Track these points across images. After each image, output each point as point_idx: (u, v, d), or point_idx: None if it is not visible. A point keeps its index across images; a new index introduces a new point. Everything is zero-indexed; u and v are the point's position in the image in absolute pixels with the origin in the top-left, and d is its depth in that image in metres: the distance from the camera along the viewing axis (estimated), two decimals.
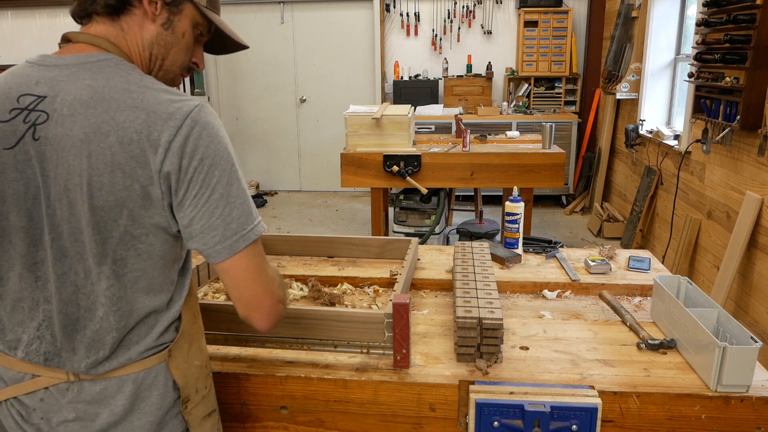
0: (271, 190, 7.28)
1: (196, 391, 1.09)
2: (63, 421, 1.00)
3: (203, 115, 0.95)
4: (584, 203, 6.20)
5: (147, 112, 0.92)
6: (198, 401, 1.10)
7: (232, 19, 6.85)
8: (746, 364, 1.16)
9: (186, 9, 1.03)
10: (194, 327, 1.10)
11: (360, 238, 1.94)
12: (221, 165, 0.95)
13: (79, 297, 0.97)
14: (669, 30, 4.79)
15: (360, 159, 3.84)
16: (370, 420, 1.26)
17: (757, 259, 3.06)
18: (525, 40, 6.31)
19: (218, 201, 0.95)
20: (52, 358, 0.99)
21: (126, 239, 0.95)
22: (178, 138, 0.92)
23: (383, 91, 6.80)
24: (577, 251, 2.01)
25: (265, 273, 1.02)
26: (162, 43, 1.03)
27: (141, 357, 1.01)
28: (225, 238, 0.96)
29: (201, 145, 0.93)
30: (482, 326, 1.28)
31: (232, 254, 0.97)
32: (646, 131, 4.80)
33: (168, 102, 0.94)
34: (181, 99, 0.95)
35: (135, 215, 0.94)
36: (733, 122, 3.11)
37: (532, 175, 3.79)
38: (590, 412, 1.14)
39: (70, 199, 0.93)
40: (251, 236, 0.98)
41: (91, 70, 0.95)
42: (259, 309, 1.03)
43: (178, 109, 0.93)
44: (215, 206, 0.95)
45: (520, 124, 5.99)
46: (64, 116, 0.92)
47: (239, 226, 0.97)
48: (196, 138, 0.93)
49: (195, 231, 0.96)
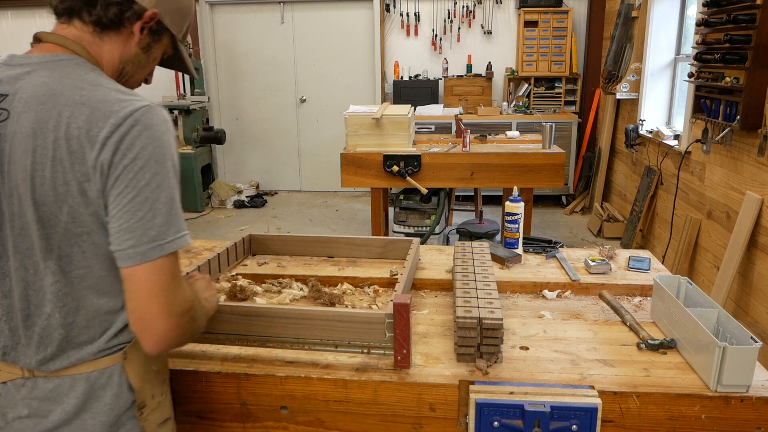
0: (271, 190, 7.28)
1: (152, 397, 1.09)
2: (18, 417, 1.01)
3: (148, 117, 0.94)
4: (584, 203, 6.20)
5: (91, 109, 0.92)
6: (154, 407, 1.09)
7: (232, 19, 6.86)
8: (746, 364, 1.16)
9: (165, 39, 1.11)
10: None
11: (361, 238, 1.94)
12: (154, 168, 0.93)
13: (29, 293, 0.98)
14: (669, 30, 4.79)
15: (360, 159, 3.84)
16: (370, 420, 1.26)
17: (757, 259, 3.06)
18: (525, 40, 6.32)
19: (142, 204, 0.92)
20: (9, 352, 1.01)
21: (69, 236, 0.95)
22: (115, 135, 0.91)
23: (383, 91, 6.80)
24: (577, 251, 2.01)
25: (169, 293, 0.94)
26: (136, 63, 1.08)
27: (94, 357, 1.01)
28: (140, 243, 0.92)
29: (137, 144, 0.92)
30: (482, 326, 1.28)
31: (143, 262, 0.92)
32: (646, 131, 4.80)
33: (115, 101, 0.94)
34: (130, 99, 0.95)
35: (75, 212, 0.93)
36: (733, 122, 3.11)
37: (532, 175, 3.79)
38: (590, 412, 1.14)
39: (20, 194, 0.94)
40: (169, 248, 0.93)
41: (51, 68, 0.96)
42: (148, 329, 0.94)
43: (122, 107, 0.93)
44: (138, 208, 0.92)
45: (520, 124, 5.99)
46: (19, 113, 0.93)
47: (158, 234, 0.92)
48: (133, 137, 0.92)
49: (113, 229, 0.93)
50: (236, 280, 1.73)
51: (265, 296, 1.65)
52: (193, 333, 1.04)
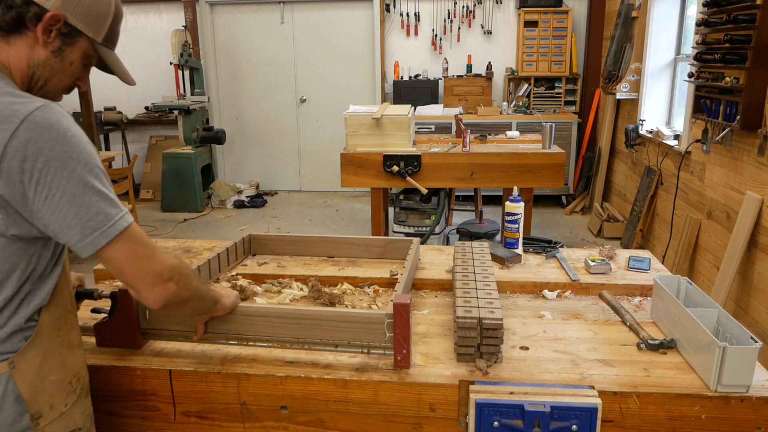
0: (271, 190, 7.28)
1: (51, 408, 1.06)
2: None
3: (46, 116, 0.93)
4: (584, 203, 6.20)
5: None
6: (54, 418, 1.06)
7: (232, 19, 6.87)
8: (746, 364, 1.16)
9: (80, 42, 1.05)
10: (55, 341, 1.07)
11: (362, 238, 1.94)
12: (70, 165, 0.94)
13: None
14: (669, 30, 4.79)
15: (360, 159, 3.84)
16: (370, 420, 1.26)
17: (757, 259, 3.06)
18: (525, 40, 6.32)
19: (71, 201, 0.95)
20: None
21: None
22: (15, 141, 0.91)
23: (383, 91, 6.80)
24: (577, 251, 2.01)
25: (145, 258, 1.03)
26: (48, 67, 1.04)
27: None
28: (84, 236, 0.97)
29: (45, 147, 0.92)
30: (482, 326, 1.28)
31: (96, 249, 0.98)
32: (646, 131, 4.80)
33: (6, 104, 0.93)
34: (22, 101, 0.94)
35: None
36: (733, 122, 3.11)
37: (532, 175, 3.79)
38: (590, 412, 1.14)
39: None
40: (112, 231, 0.98)
41: None
42: (141, 297, 1.05)
43: (15, 111, 0.92)
44: (69, 206, 0.95)
45: (520, 124, 5.99)
46: None
47: (98, 224, 0.97)
48: (38, 140, 0.92)
49: (55, 230, 0.97)
50: (236, 280, 1.73)
51: (265, 296, 1.65)
52: (194, 294, 1.14)
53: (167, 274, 1.06)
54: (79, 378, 1.13)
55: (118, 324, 1.34)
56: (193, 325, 1.32)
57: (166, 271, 1.06)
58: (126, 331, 1.35)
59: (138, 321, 1.35)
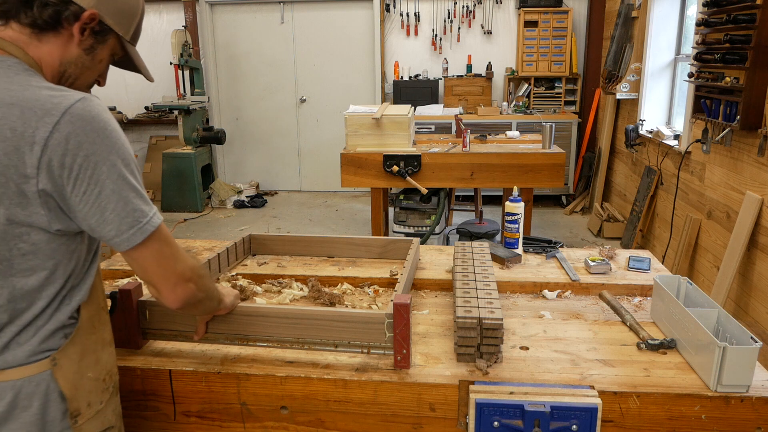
0: (271, 190, 7.28)
1: (89, 405, 1.06)
2: None
3: (87, 109, 0.93)
4: (584, 203, 6.20)
5: (22, 109, 0.91)
6: (90, 416, 1.06)
7: (232, 19, 6.87)
8: (746, 364, 1.16)
9: (110, 40, 1.07)
10: (92, 338, 1.07)
11: (362, 238, 1.94)
12: (110, 160, 0.94)
13: None
14: (669, 30, 4.79)
15: (360, 159, 3.84)
16: (370, 420, 1.26)
17: (757, 259, 3.06)
18: (525, 40, 6.32)
19: (109, 197, 0.95)
20: None
21: (7, 238, 0.94)
22: (56, 134, 0.90)
23: (383, 91, 6.80)
24: (577, 251, 2.01)
25: (171, 258, 1.04)
26: (79, 64, 1.05)
27: (23, 363, 0.98)
28: (121, 232, 0.97)
29: (85, 141, 0.92)
30: (482, 326, 1.28)
31: (132, 246, 0.99)
32: (646, 131, 4.80)
33: (47, 97, 0.92)
34: (61, 94, 0.94)
35: (12, 214, 0.93)
36: (733, 122, 3.11)
37: (532, 175, 3.79)
38: (590, 412, 1.14)
39: None
40: (149, 228, 0.99)
41: None
42: (161, 296, 1.06)
43: (56, 104, 0.92)
44: (107, 202, 0.95)
45: (520, 124, 5.99)
46: None
47: (135, 220, 0.98)
48: (78, 133, 0.91)
49: (92, 225, 0.97)
50: (236, 280, 1.73)
51: (265, 296, 1.65)
52: (207, 296, 1.15)
53: (188, 275, 1.08)
54: (111, 375, 1.14)
55: (118, 324, 1.34)
56: (193, 325, 1.32)
57: (187, 271, 1.07)
58: (126, 331, 1.35)
59: (138, 321, 1.35)
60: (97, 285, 1.10)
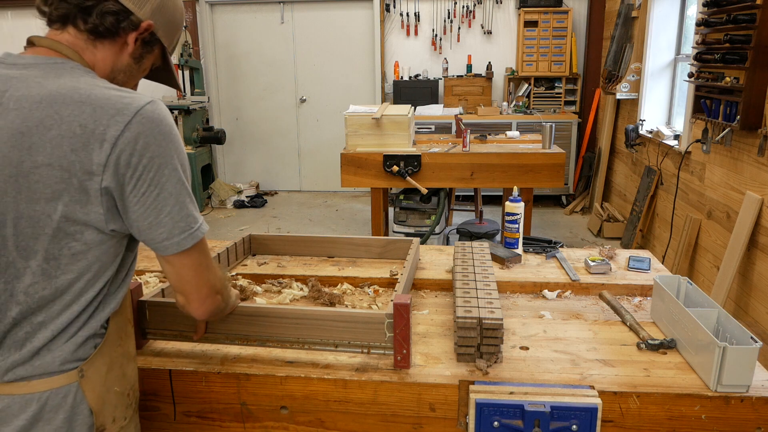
0: (271, 190, 7.28)
1: (113, 421, 1.04)
2: None
3: (156, 111, 0.95)
4: (584, 203, 6.20)
5: (93, 107, 0.92)
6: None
7: (232, 19, 6.86)
8: (746, 364, 1.16)
9: (156, 50, 1.11)
10: (118, 350, 1.06)
11: (362, 238, 1.94)
12: (172, 164, 0.96)
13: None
14: (669, 30, 4.79)
15: (360, 159, 3.84)
16: (370, 420, 1.26)
17: (757, 259, 3.06)
18: (525, 40, 6.32)
19: (167, 199, 0.96)
20: None
21: (60, 236, 0.93)
22: (127, 134, 0.92)
23: (383, 91, 6.80)
24: (577, 251, 2.01)
25: (207, 268, 1.05)
26: (128, 72, 1.08)
27: (57, 370, 0.96)
28: (172, 235, 0.98)
29: (152, 143, 0.93)
30: (482, 326, 1.28)
31: (180, 251, 0.99)
32: (646, 131, 4.80)
33: (117, 98, 0.94)
34: (131, 95, 0.95)
35: (70, 211, 0.92)
36: (733, 122, 3.11)
37: (532, 175, 3.79)
38: (590, 412, 1.14)
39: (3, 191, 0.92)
40: (198, 234, 1.01)
41: (45, 69, 0.96)
42: (190, 307, 1.07)
43: (127, 104, 0.93)
44: (164, 204, 0.96)
45: (520, 124, 5.99)
46: (9, 110, 0.92)
47: (187, 225, 0.99)
48: (147, 135, 0.93)
49: (143, 227, 0.97)
50: (236, 280, 1.73)
51: (265, 296, 1.65)
52: (227, 306, 1.18)
53: (218, 287, 1.09)
54: (134, 391, 1.12)
55: None
56: (192, 325, 1.32)
57: (218, 283, 1.09)
58: None
59: (138, 321, 1.35)
60: (127, 296, 1.10)
